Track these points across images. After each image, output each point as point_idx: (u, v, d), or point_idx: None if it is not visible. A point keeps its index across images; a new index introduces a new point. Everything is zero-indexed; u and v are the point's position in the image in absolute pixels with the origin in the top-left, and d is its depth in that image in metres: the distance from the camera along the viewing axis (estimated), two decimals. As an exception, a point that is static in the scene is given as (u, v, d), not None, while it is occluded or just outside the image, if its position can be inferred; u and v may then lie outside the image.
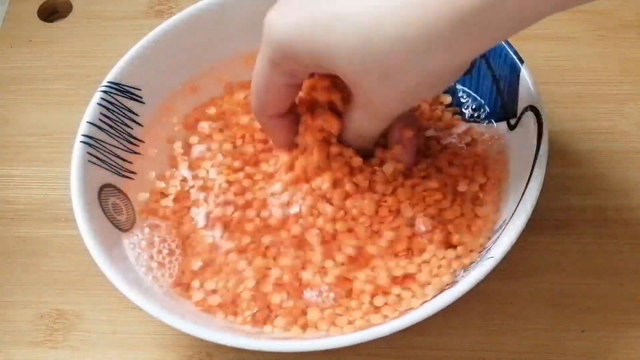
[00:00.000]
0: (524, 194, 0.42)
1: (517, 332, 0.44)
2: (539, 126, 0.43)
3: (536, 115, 0.44)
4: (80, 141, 0.45)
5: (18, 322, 0.47)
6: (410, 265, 0.43)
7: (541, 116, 0.43)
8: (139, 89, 0.48)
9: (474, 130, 0.48)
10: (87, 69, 0.57)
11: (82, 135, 0.45)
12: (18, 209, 0.51)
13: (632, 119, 0.51)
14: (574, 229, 0.47)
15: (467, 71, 0.39)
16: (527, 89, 0.45)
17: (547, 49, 0.54)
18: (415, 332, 0.43)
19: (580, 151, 0.50)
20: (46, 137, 0.54)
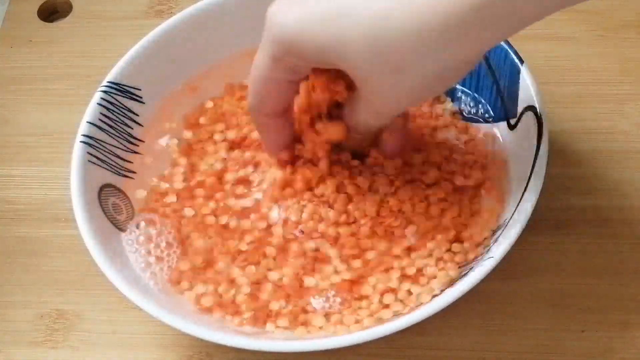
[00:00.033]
0: (524, 194, 0.42)
1: (517, 332, 0.44)
2: (539, 126, 0.43)
3: (536, 115, 0.44)
4: (80, 141, 0.45)
5: (18, 322, 0.47)
6: (418, 260, 0.43)
7: (541, 116, 0.43)
8: (139, 89, 0.48)
9: (474, 130, 0.48)
10: (87, 69, 0.57)
11: (82, 135, 0.45)
12: (18, 209, 0.51)
13: (632, 119, 0.51)
14: (574, 229, 0.47)
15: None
16: (527, 89, 0.45)
17: (547, 49, 0.54)
18: (415, 332, 0.43)
19: (580, 151, 0.50)
20: (46, 137, 0.54)
